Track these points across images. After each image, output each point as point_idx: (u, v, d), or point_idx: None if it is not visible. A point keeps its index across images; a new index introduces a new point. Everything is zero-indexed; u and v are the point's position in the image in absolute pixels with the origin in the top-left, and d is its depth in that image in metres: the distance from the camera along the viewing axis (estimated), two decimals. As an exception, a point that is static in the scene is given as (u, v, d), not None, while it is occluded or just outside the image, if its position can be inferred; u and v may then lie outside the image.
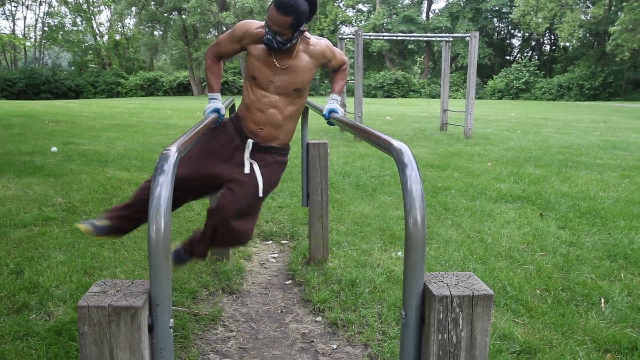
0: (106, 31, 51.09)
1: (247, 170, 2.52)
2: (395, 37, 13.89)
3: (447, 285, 1.28)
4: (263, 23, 2.46)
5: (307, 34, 2.49)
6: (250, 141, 2.54)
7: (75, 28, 49.54)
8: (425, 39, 18.78)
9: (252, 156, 2.55)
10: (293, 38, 2.36)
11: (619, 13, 32.66)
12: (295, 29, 2.32)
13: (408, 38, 18.22)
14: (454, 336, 1.25)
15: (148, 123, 13.94)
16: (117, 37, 50.25)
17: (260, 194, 2.52)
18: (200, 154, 2.53)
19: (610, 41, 32.73)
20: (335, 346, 2.66)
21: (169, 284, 1.24)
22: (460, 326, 1.25)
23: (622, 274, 3.47)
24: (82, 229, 2.49)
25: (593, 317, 2.86)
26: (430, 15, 51.42)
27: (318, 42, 2.53)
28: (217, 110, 2.64)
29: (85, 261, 3.54)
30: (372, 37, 13.88)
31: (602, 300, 3.08)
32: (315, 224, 3.65)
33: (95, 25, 50.24)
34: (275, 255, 4.01)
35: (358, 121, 9.99)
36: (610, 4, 38.27)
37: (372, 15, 50.07)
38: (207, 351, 2.59)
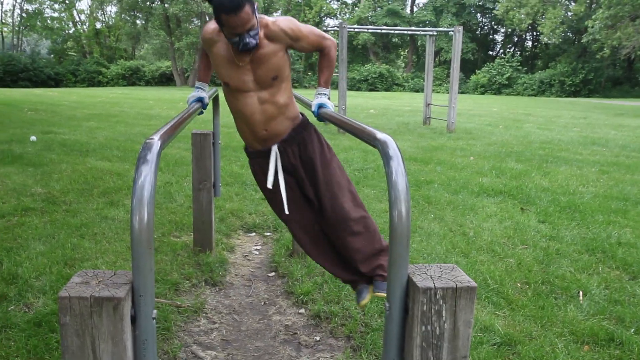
0: (87, 19, 50.23)
1: (269, 184, 2.34)
2: (379, 30, 13.89)
3: (431, 277, 1.29)
4: (214, 26, 2.25)
5: (260, 15, 2.22)
6: (273, 148, 2.35)
7: (54, 14, 48.61)
8: (409, 32, 18.83)
9: (291, 160, 2.36)
10: (257, 23, 2.13)
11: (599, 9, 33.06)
12: (255, 13, 2.10)
13: (392, 31, 18.23)
14: (437, 327, 1.26)
15: (130, 113, 13.77)
16: (98, 25, 49.43)
17: (336, 170, 2.35)
18: (273, 200, 2.44)
19: (587, 34, 33.11)
20: (318, 338, 2.66)
21: (151, 274, 1.22)
22: (444, 318, 1.26)
23: (600, 268, 3.54)
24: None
25: (572, 310, 2.90)
26: (415, 9, 51.52)
27: (276, 21, 2.23)
28: (200, 100, 2.61)
29: (65, 252, 3.50)
30: (356, 30, 13.86)
31: (581, 293, 3.13)
32: (299, 216, 3.64)
33: (75, 13, 49.34)
34: (258, 247, 4.00)
35: (342, 114, 9.99)
36: (592, 1, 38.73)
37: (357, 8, 50.01)
38: (190, 343, 2.58)
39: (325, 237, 2.43)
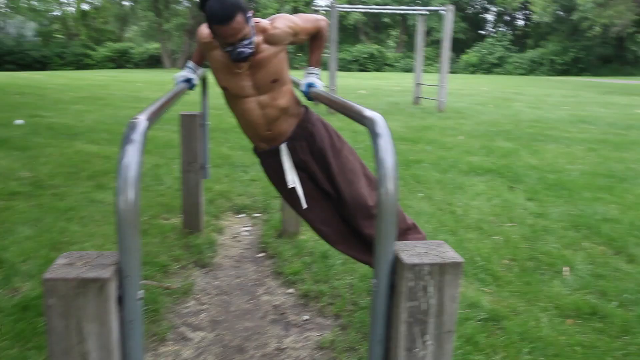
0: (73, 0, 49.29)
1: (290, 183, 2.32)
2: (370, 10, 13.78)
3: (418, 254, 1.30)
4: (208, 31, 2.19)
5: (255, 19, 2.17)
6: (282, 147, 2.33)
7: (39, -4, 47.63)
8: (400, 12, 18.69)
9: (301, 156, 2.34)
10: (252, 32, 2.08)
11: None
12: (248, 21, 2.05)
13: (383, 11, 18.12)
14: (424, 303, 1.28)
15: (118, 96, 13.63)
16: (85, 6, 48.54)
17: (348, 157, 2.34)
18: (289, 197, 2.43)
19: (578, 11, 33.08)
20: (307, 317, 2.68)
21: (138, 255, 1.22)
22: (430, 293, 1.27)
23: (585, 244, 3.58)
24: None
25: (557, 285, 2.95)
26: (405, -12, 51.05)
27: (275, 24, 2.18)
28: (188, 80, 2.59)
29: (52, 236, 3.48)
30: (347, 10, 13.73)
31: (567, 269, 3.17)
32: (288, 196, 3.65)
33: (61, -6, 48.40)
34: (247, 228, 4.00)
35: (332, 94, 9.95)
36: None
37: (346, -13, 49.45)
38: (179, 324, 2.59)
39: (348, 227, 2.41)
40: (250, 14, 2.06)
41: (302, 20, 2.26)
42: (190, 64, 2.63)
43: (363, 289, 2.89)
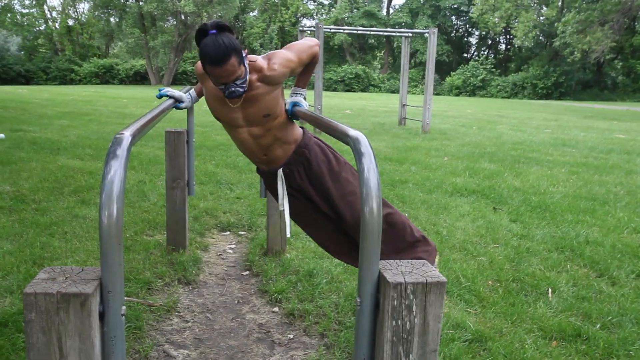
0: (58, 16, 49.19)
1: (281, 208, 2.35)
2: (356, 31, 13.97)
3: (402, 273, 1.30)
4: None
5: (251, 57, 2.17)
6: (279, 172, 2.34)
7: (25, 11, 47.47)
8: (385, 33, 18.97)
9: (297, 181, 2.34)
10: (246, 72, 2.09)
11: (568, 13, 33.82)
12: (242, 61, 2.06)
13: (369, 32, 18.34)
14: (408, 322, 1.28)
15: (103, 112, 13.55)
16: (70, 22, 48.48)
17: (349, 179, 2.34)
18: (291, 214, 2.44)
19: (559, 37, 33.88)
20: (292, 336, 2.66)
21: (121, 270, 1.21)
22: (414, 312, 1.27)
23: (568, 265, 3.61)
24: None
25: (541, 307, 2.96)
26: (391, 10, 51.97)
27: (272, 65, 2.17)
28: (177, 101, 2.63)
29: (34, 251, 3.42)
30: (332, 30, 13.90)
31: (550, 290, 3.20)
32: (273, 215, 3.64)
33: (47, 9, 48.30)
34: (232, 246, 3.97)
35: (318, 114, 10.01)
36: (563, 6, 39.56)
37: (333, 9, 50.15)
38: (162, 342, 2.55)
39: (350, 240, 2.42)
40: (244, 53, 2.08)
41: (297, 54, 2.25)
42: (192, 91, 2.69)
43: (348, 309, 2.88)
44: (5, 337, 2.40)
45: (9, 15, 46.06)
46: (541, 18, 40.92)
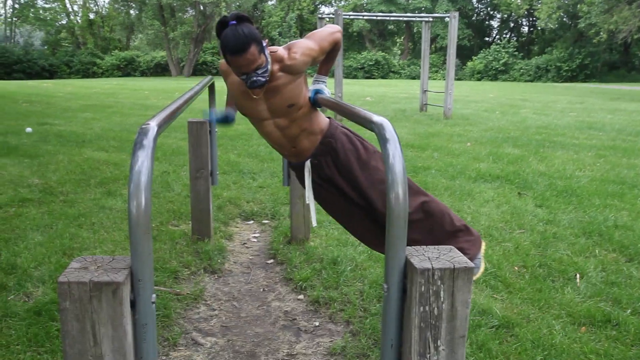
0: (80, 9, 49.76)
1: (307, 200, 2.35)
2: (375, 17, 13.84)
3: (429, 259, 1.29)
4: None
5: (272, 48, 2.18)
6: (306, 164, 2.33)
7: (47, 5, 48.11)
8: (405, 19, 18.76)
9: (326, 171, 2.31)
10: (267, 61, 2.10)
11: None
12: (263, 50, 2.07)
13: (388, 18, 18.14)
14: (435, 308, 1.27)
15: (125, 104, 13.71)
16: (92, 15, 48.99)
17: (377, 167, 2.29)
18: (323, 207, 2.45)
19: (583, 19, 33.06)
20: (317, 323, 2.68)
21: (150, 259, 1.22)
22: (442, 298, 1.27)
23: (596, 250, 3.56)
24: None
25: (569, 292, 2.93)
26: (410, -5, 51.22)
27: (292, 54, 2.17)
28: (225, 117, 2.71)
29: (63, 242, 3.50)
30: (352, 17, 13.80)
31: (578, 275, 3.15)
32: (297, 203, 3.65)
33: (68, 3, 48.87)
34: (256, 234, 4.00)
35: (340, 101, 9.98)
36: (588, -15, 38.57)
37: (351, -5, 49.66)
38: (190, 330, 2.59)
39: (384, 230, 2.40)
40: (264, 43, 2.09)
41: (319, 42, 2.24)
42: (228, 109, 2.71)
43: (373, 295, 2.88)
44: (40, 325, 2.46)
45: (32, 10, 46.79)
46: (565, -1, 39.95)
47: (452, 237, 2.32)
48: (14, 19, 48.98)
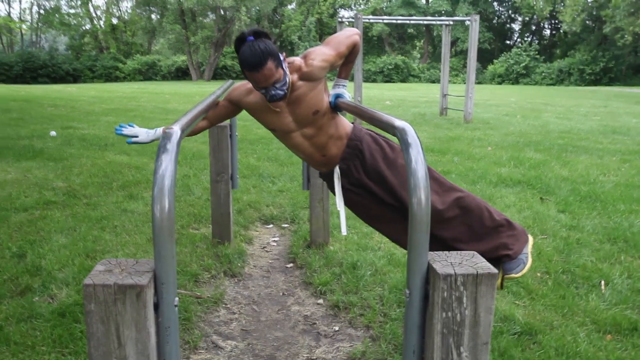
0: (103, 14, 50.59)
1: (338, 207, 2.33)
2: (395, 21, 13.80)
3: (451, 264, 1.28)
4: (246, 84, 2.28)
5: (289, 59, 2.20)
6: (335, 170, 2.31)
7: (72, 11, 49.02)
8: (425, 22, 18.67)
9: (355, 175, 2.29)
10: (285, 74, 2.11)
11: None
12: (281, 64, 2.08)
13: (408, 22, 18.09)
14: (458, 314, 1.26)
15: (147, 107, 13.89)
16: (114, 20, 49.78)
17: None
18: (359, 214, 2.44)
19: (608, 24, 32.51)
20: (337, 328, 2.67)
21: (173, 262, 1.24)
22: (465, 304, 1.25)
23: (622, 257, 3.49)
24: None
25: (593, 299, 2.87)
26: (430, -1, 51.00)
27: (309, 61, 2.18)
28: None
29: (87, 244, 3.55)
30: (371, 20, 13.77)
31: (602, 282, 3.09)
32: (316, 207, 3.66)
33: (92, 8, 49.72)
34: (276, 238, 4.01)
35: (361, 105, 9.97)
36: (612, -13, 37.96)
37: (371, -1, 49.66)
38: (210, 333, 2.61)
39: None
40: (282, 57, 2.10)
41: (335, 47, 2.23)
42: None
43: (393, 300, 2.86)
44: (64, 327, 2.50)
45: (57, 15, 47.73)
46: (589, 1, 39.34)
47: (494, 232, 2.25)
48: (40, 24, 49.99)
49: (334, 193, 2.45)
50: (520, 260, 2.30)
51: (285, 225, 4.28)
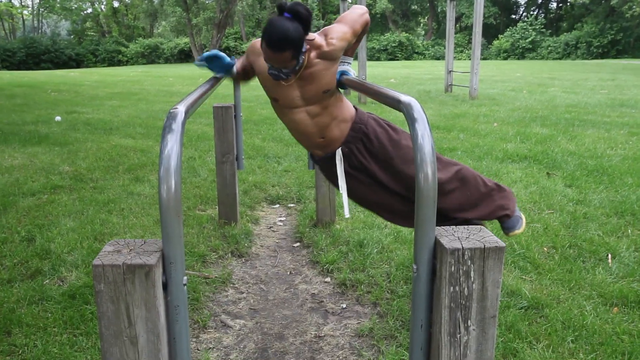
0: (104, -2, 50.21)
1: (341, 190, 2.30)
2: (398, -3, 13.62)
3: (459, 239, 1.28)
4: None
5: (309, 36, 2.11)
6: (337, 152, 2.28)
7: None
8: (429, -2, 18.38)
9: (359, 159, 2.28)
10: (298, 64, 2.07)
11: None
12: (297, 57, 2.04)
13: (411, -2, 17.83)
14: (466, 288, 1.26)
15: (150, 91, 13.86)
16: (116, 3, 49.43)
17: (409, 145, 2.25)
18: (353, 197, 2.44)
19: None
20: (344, 305, 2.69)
21: (181, 242, 1.24)
22: (472, 278, 1.26)
23: (629, 230, 3.48)
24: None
25: (600, 273, 2.87)
26: (434, -26, 50.20)
27: (330, 40, 2.12)
28: (215, 56, 2.37)
29: (94, 227, 3.58)
30: (375, -2, 13.56)
31: (609, 255, 3.09)
32: (322, 186, 3.66)
33: (93, -8, 49.35)
34: (282, 218, 4.03)
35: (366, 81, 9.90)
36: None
37: (374, -24, 48.94)
38: (219, 312, 2.64)
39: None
40: (304, 48, 2.05)
41: (351, 26, 2.20)
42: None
43: (400, 277, 2.88)
44: (74, 309, 2.53)
45: (58, 0, 47.42)
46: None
47: (488, 197, 2.35)
48: (41, 9, 49.72)
49: (328, 178, 2.45)
50: (517, 217, 2.45)
51: (292, 205, 4.29)
